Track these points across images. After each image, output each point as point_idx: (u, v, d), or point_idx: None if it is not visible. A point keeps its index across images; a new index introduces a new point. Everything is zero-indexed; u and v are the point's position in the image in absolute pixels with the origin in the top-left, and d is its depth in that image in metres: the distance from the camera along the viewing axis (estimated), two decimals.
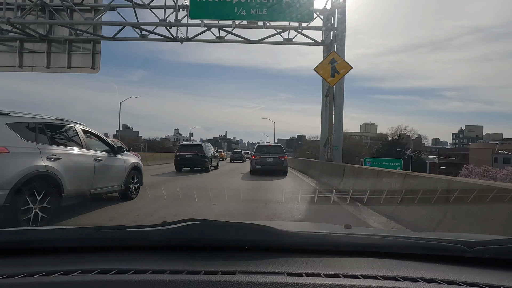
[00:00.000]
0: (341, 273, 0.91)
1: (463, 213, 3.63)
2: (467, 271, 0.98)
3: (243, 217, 5.26)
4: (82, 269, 0.92)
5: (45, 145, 4.39)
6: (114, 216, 5.13)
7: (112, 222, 4.71)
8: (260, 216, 5.30)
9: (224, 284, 0.81)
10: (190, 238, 1.12)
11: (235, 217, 5.28)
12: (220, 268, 0.93)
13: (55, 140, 4.71)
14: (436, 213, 4.07)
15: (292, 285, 0.82)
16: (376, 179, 6.65)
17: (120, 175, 6.29)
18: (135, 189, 6.89)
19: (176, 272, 0.89)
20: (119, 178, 6.27)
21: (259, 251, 1.08)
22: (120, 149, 6.38)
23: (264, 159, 14.59)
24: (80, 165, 5.03)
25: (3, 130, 3.89)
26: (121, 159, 6.38)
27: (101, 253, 1.09)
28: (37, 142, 4.28)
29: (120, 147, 6.44)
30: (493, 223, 3.17)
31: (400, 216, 4.91)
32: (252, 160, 14.99)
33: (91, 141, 5.83)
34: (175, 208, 5.76)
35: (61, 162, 4.52)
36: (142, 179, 7.26)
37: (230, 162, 33.27)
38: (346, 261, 1.06)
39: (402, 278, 0.89)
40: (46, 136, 4.53)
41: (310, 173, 15.15)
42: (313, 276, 0.89)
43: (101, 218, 4.96)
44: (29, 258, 1.06)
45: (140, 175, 7.15)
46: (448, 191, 4.00)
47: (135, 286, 0.82)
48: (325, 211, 6.19)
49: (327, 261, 1.05)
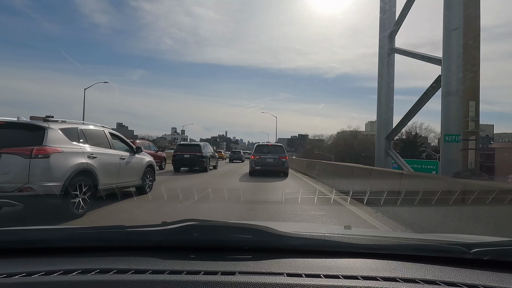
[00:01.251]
0: (340, 274, 0.92)
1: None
2: (467, 272, 0.98)
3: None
4: (82, 269, 0.94)
5: (85, 146, 5.34)
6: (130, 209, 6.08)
7: (132, 211, 5.67)
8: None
9: (224, 284, 0.82)
10: (189, 238, 1.13)
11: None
12: (219, 269, 0.94)
13: (91, 142, 5.66)
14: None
15: (291, 286, 0.82)
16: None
17: (138, 172, 7.25)
18: (150, 185, 7.86)
19: (175, 272, 0.91)
20: (138, 174, 7.23)
21: (258, 251, 1.09)
22: (139, 149, 7.35)
23: (263, 160, 13.99)
24: (110, 163, 5.98)
25: (57, 134, 4.84)
26: (139, 157, 7.34)
27: (101, 253, 1.10)
28: (79, 143, 5.24)
29: (139, 147, 7.42)
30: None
31: None
32: (251, 160, 14.32)
33: (115, 142, 6.78)
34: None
35: (97, 160, 5.47)
36: (155, 176, 8.23)
37: (229, 162, 32.82)
38: (345, 262, 1.06)
39: (402, 279, 0.90)
40: (85, 139, 5.48)
41: (316, 175, 13.84)
42: (313, 277, 0.90)
43: (125, 208, 5.91)
44: (29, 257, 1.08)
45: (153, 173, 8.12)
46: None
47: (134, 286, 0.82)
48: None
49: (326, 262, 1.05)
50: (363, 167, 9.10)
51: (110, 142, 6.30)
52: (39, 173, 4.37)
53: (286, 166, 14.13)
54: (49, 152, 4.53)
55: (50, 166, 4.49)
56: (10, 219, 4.93)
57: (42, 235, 1.24)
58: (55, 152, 4.63)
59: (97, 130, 6.10)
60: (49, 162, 4.48)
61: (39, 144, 4.50)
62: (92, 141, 5.71)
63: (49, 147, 4.57)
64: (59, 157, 4.65)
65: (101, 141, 6.06)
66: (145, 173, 7.57)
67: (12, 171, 4.25)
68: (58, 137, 4.85)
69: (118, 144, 6.73)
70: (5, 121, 4.76)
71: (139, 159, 7.36)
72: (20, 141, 4.52)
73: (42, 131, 4.66)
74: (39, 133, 4.63)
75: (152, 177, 8.03)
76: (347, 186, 8.50)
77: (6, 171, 4.23)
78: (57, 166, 4.57)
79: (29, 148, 4.38)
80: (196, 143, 17.79)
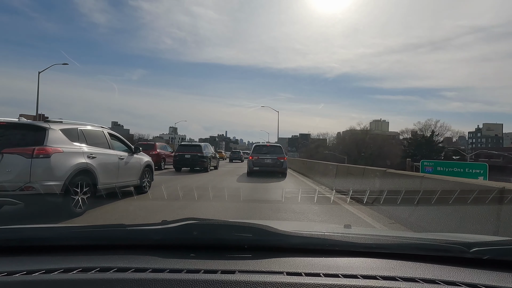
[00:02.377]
0: (340, 273, 0.92)
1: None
2: (466, 271, 0.98)
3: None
4: (82, 267, 0.94)
5: (85, 146, 5.47)
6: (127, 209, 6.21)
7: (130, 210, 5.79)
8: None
9: (224, 283, 0.82)
10: (189, 237, 1.13)
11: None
12: (219, 267, 0.94)
13: (90, 142, 5.78)
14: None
15: (291, 285, 0.82)
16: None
17: (137, 172, 7.38)
18: (148, 185, 7.99)
19: (176, 271, 0.91)
20: (136, 174, 7.36)
21: (258, 250, 1.10)
22: (137, 149, 7.48)
23: (262, 160, 13.83)
24: (109, 163, 6.11)
25: (57, 135, 4.97)
26: (137, 158, 7.47)
27: (101, 251, 1.10)
28: (79, 143, 5.36)
29: (137, 147, 7.54)
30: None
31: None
32: (249, 161, 14.12)
33: (114, 142, 6.90)
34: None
35: (96, 160, 5.59)
36: (153, 176, 8.36)
37: (229, 162, 33.88)
38: (345, 261, 1.06)
39: (401, 279, 0.90)
40: (85, 139, 5.61)
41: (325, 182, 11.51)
42: (313, 276, 0.90)
43: (123, 207, 6.03)
44: (29, 256, 1.08)
45: (151, 172, 8.25)
46: None
47: (135, 284, 0.82)
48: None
49: (326, 261, 1.05)
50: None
51: (109, 142, 6.42)
52: (40, 172, 4.49)
53: (284, 166, 13.97)
54: (50, 152, 4.65)
55: (51, 165, 4.61)
56: (11, 218, 5.05)
57: (42, 234, 1.24)
58: (56, 152, 4.75)
59: (96, 130, 6.22)
60: (50, 162, 4.61)
61: (40, 144, 4.62)
62: (91, 142, 5.83)
63: (50, 147, 4.69)
64: (59, 157, 4.78)
65: (100, 141, 6.18)
66: (144, 173, 7.70)
67: (14, 171, 4.37)
68: (59, 137, 4.97)
69: (117, 145, 6.85)
70: (6, 121, 4.89)
71: (138, 159, 7.49)
72: (21, 141, 4.65)
73: (43, 132, 4.78)
74: (40, 134, 4.76)
75: (150, 177, 8.16)
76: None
77: (8, 170, 4.35)
78: (57, 166, 4.70)
79: (31, 148, 4.50)
80: (197, 143, 17.99)
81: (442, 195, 4.11)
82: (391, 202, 5.49)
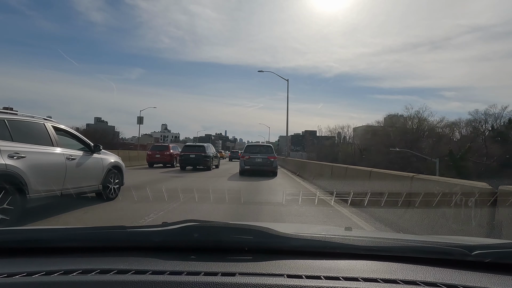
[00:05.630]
0: (341, 276, 0.91)
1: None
2: (468, 275, 0.97)
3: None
4: (82, 269, 0.93)
5: (6, 143, 4.09)
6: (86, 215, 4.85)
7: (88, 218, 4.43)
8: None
9: (224, 285, 0.81)
10: (190, 239, 1.12)
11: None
12: (220, 270, 0.93)
13: (19, 138, 4.41)
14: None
15: (292, 287, 0.82)
16: None
17: (97, 175, 6.00)
18: (115, 190, 6.60)
19: (176, 273, 0.90)
20: (96, 177, 5.98)
21: (259, 252, 1.08)
22: (97, 148, 6.09)
23: (253, 160, 14.25)
24: (49, 164, 4.74)
25: None
26: (98, 158, 6.10)
27: (101, 253, 1.09)
28: None
29: (97, 145, 6.14)
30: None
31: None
32: (241, 160, 14.63)
33: (65, 139, 5.53)
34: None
35: (25, 160, 4.23)
36: (123, 179, 6.96)
37: (229, 161, 36.84)
38: (346, 264, 1.05)
39: (402, 281, 0.89)
40: (9, 133, 4.23)
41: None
42: (313, 279, 0.89)
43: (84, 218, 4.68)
44: (29, 257, 1.07)
45: (121, 175, 6.86)
46: None
47: (135, 286, 0.82)
48: None
49: (327, 263, 1.04)
50: None
51: (53, 139, 5.04)
52: None
53: (274, 165, 14.53)
54: None
55: None
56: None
57: (43, 235, 1.22)
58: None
59: (32, 122, 4.83)
60: None
61: None
62: (22, 137, 4.47)
63: None
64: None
65: (38, 136, 4.81)
66: (108, 176, 6.31)
67: None
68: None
69: (67, 142, 5.48)
70: None
71: (99, 159, 6.11)
72: None
73: None
74: None
75: (118, 181, 6.77)
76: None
77: None
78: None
79: None
80: (201, 144, 19.03)
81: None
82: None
